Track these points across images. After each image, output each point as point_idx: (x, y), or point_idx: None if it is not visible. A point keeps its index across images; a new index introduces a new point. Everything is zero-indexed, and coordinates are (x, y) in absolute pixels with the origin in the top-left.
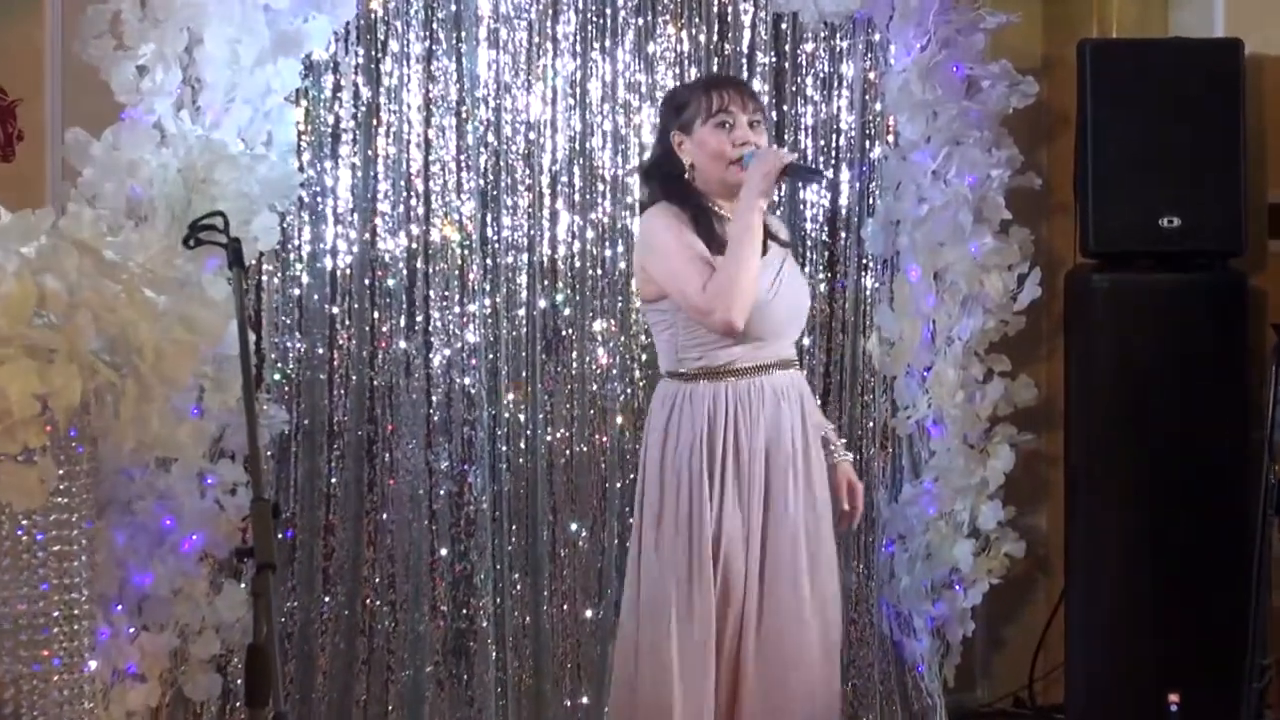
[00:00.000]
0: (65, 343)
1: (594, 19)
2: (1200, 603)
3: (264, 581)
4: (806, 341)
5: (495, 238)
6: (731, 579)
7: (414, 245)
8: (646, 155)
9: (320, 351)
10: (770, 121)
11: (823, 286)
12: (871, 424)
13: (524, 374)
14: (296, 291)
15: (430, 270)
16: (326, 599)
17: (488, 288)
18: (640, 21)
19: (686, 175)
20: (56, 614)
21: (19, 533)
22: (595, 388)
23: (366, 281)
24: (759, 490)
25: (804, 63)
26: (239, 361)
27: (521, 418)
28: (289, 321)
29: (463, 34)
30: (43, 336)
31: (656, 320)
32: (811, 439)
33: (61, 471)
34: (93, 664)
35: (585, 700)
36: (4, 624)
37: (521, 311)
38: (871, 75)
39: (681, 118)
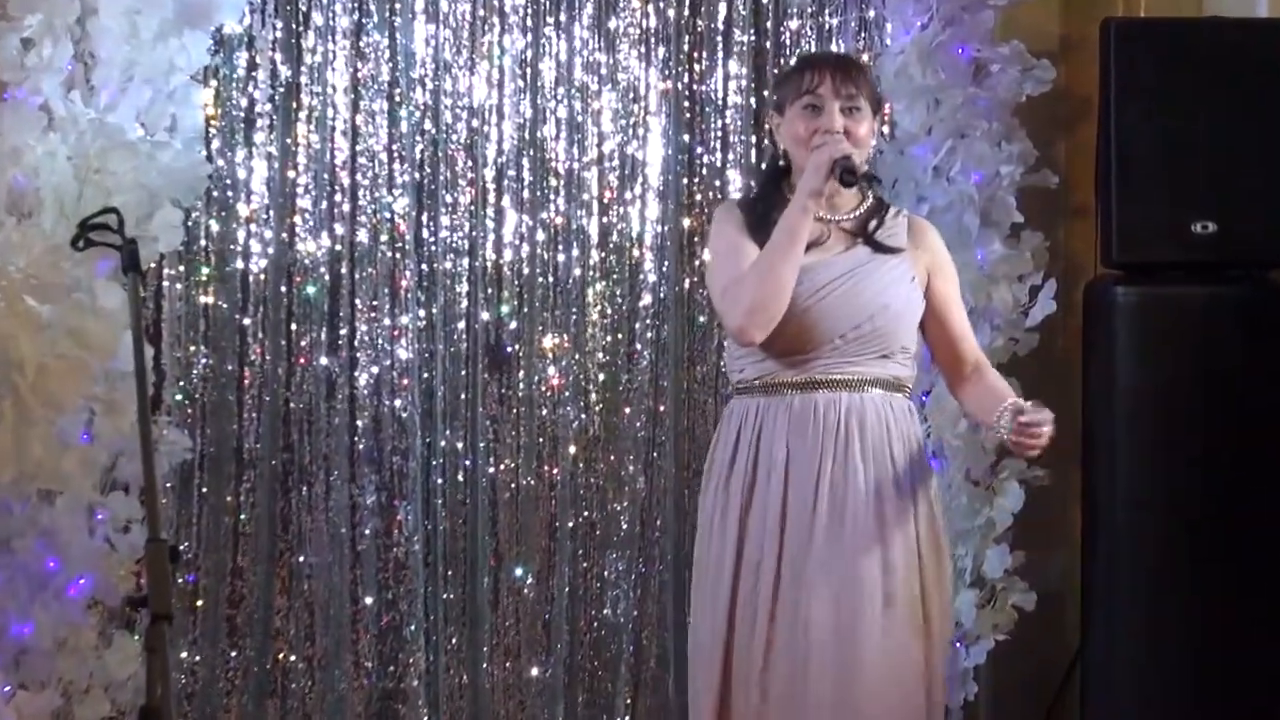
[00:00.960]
0: None
1: None
2: (1240, 660)
3: (159, 634)
4: None
5: (432, 239)
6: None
7: (338, 247)
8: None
9: (229, 368)
10: (749, 109)
11: None
12: None
13: (463, 396)
14: (203, 300)
15: (357, 276)
16: (233, 653)
17: (422, 297)
18: None
19: (782, 163)
20: None
21: None
22: (545, 412)
23: (283, 288)
24: (774, 519)
25: (788, 42)
26: (134, 380)
27: (460, 446)
28: (194, 334)
29: (397, 5)
30: None
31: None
32: (876, 477)
33: None
34: None
35: None
36: None
37: (461, 324)
38: (865, 57)
39: (778, 96)
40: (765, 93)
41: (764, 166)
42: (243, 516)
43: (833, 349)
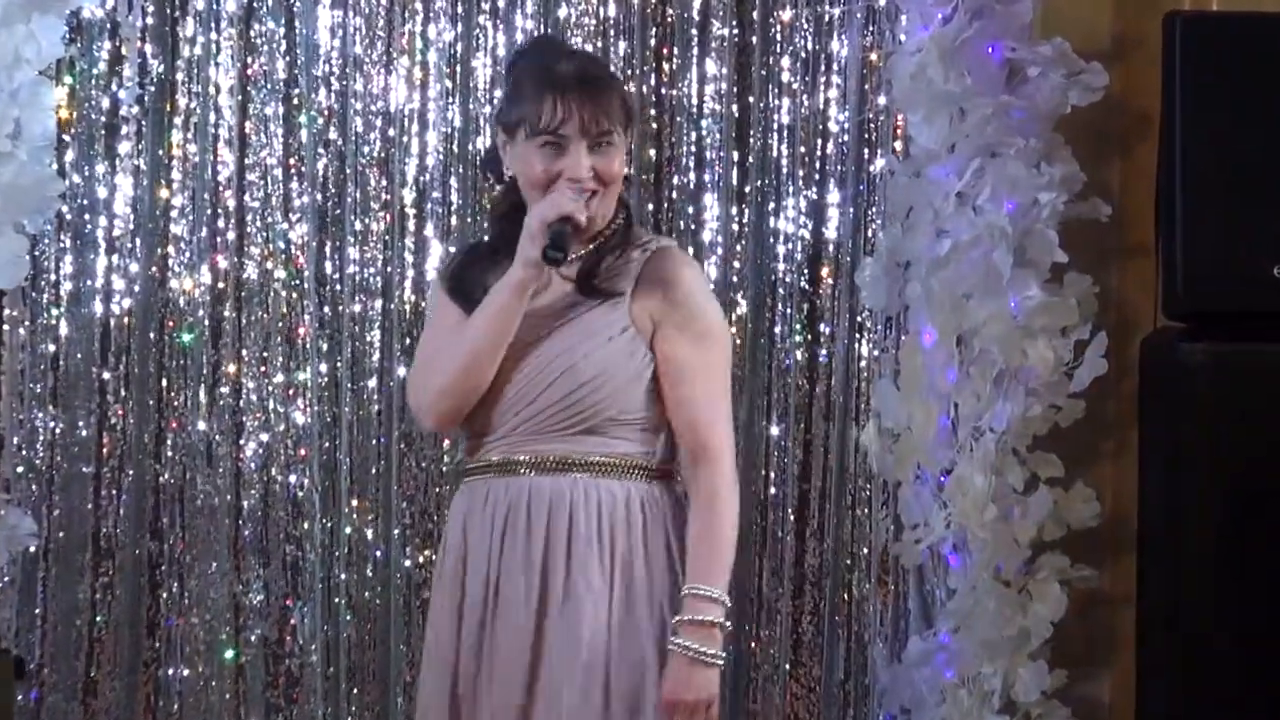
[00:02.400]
0: None
1: None
2: None
3: None
4: (775, 431)
5: (336, 276)
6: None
7: (221, 285)
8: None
9: (84, 434)
10: (730, 118)
11: (798, 354)
12: (866, 550)
13: (374, 470)
14: (51, 348)
15: (243, 321)
16: None
17: (324, 347)
18: None
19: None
20: None
21: None
22: None
23: (153, 335)
24: (449, 619)
25: (778, 37)
26: None
27: (369, 534)
28: (39, 390)
29: None
30: None
31: None
32: (573, 568)
33: None
34: None
35: None
36: None
37: (372, 381)
38: (874, 56)
39: (510, 115)
40: (751, 99)
41: (498, 194)
42: (98, 619)
43: (520, 422)
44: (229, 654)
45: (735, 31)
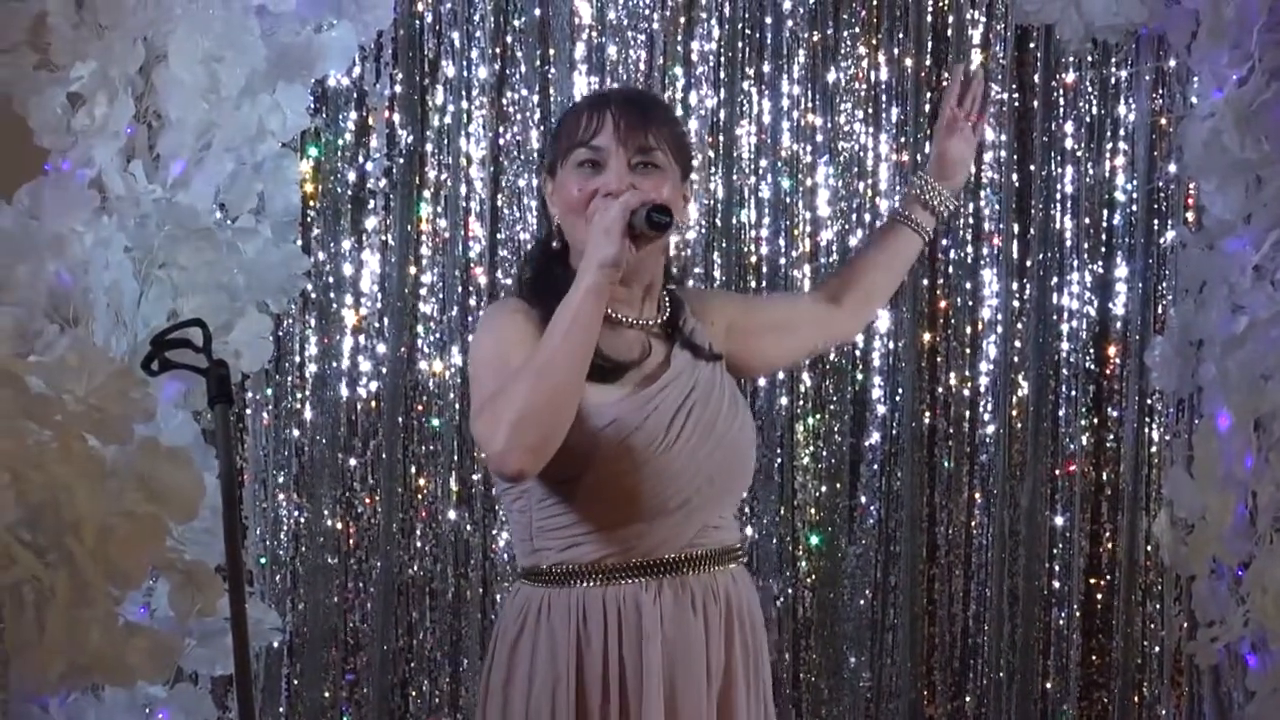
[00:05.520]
0: None
1: (744, 31)
2: None
3: None
4: (1060, 521)
5: None
6: None
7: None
8: None
9: (329, 523)
10: (1010, 187)
11: (1085, 438)
12: (1158, 649)
13: None
14: (296, 433)
15: None
16: None
17: None
18: (815, 37)
19: (555, 244)
20: None
21: None
22: None
23: (400, 420)
24: None
25: (1061, 101)
26: (215, 541)
27: None
28: (283, 478)
29: (550, 52)
30: None
31: (506, 486)
32: (758, 679)
33: None
34: None
35: None
36: None
37: None
38: (1163, 120)
39: (551, 155)
40: (1032, 167)
41: (533, 245)
42: (346, 717)
43: (702, 502)
44: None
45: (1015, 96)
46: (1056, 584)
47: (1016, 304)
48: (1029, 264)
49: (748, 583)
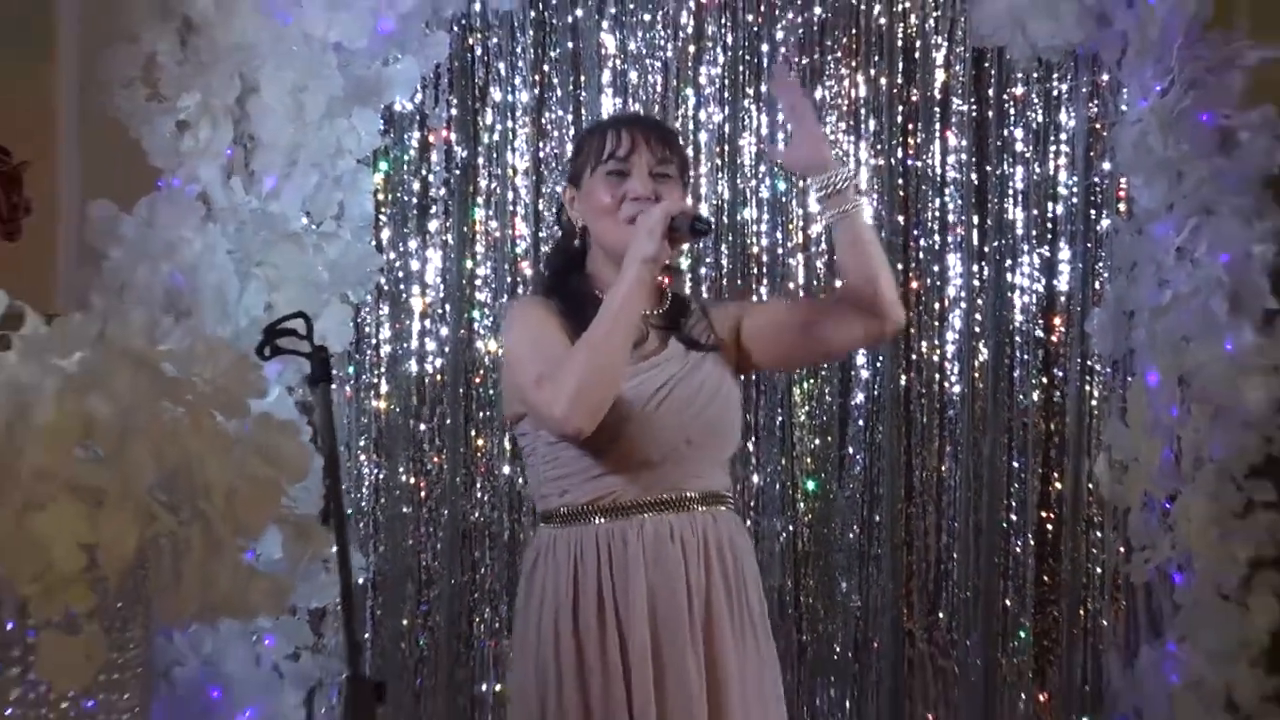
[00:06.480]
0: (118, 481)
1: (745, 57)
2: None
3: None
4: (1015, 465)
5: None
6: None
7: None
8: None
9: (404, 479)
10: (970, 185)
11: (1036, 395)
12: (1100, 570)
13: None
14: (374, 404)
15: None
16: None
17: None
18: (804, 61)
19: (578, 242)
20: None
21: (64, 705)
22: None
23: (461, 390)
24: (646, 669)
25: (1011, 110)
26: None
27: None
28: (364, 442)
29: (582, 79)
30: (90, 473)
31: (522, 446)
32: (740, 602)
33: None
34: None
35: None
36: None
37: None
38: (1098, 126)
39: (574, 166)
40: (988, 167)
41: (551, 248)
42: (422, 641)
43: (680, 458)
44: None
45: (973, 106)
46: (1014, 517)
47: (977, 283)
48: (987, 249)
49: (730, 523)
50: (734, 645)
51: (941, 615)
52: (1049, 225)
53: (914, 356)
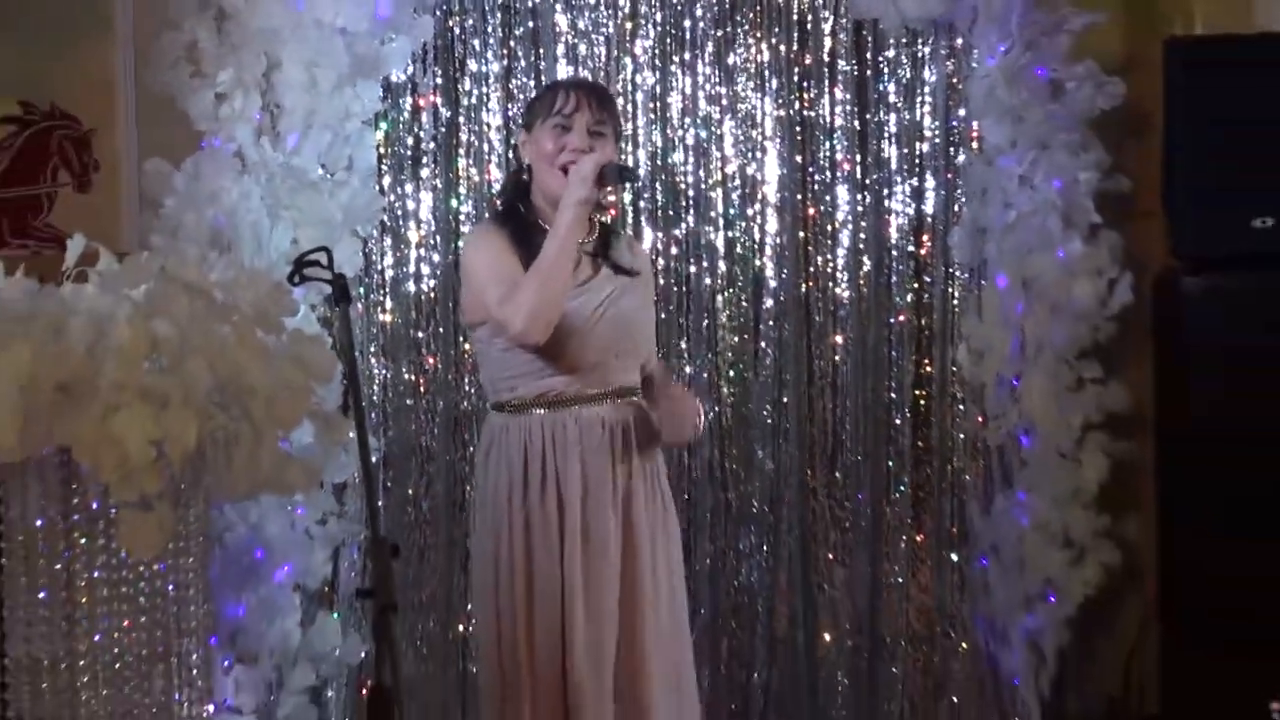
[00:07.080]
0: (179, 388)
1: (672, 31)
2: None
3: (387, 623)
4: (894, 354)
5: None
6: (547, 629)
7: None
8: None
9: (407, 377)
10: (853, 131)
11: (909, 297)
12: (962, 435)
13: None
14: (381, 318)
15: None
16: (419, 625)
17: None
18: (719, 33)
19: (525, 176)
20: (163, 650)
21: (141, 568)
22: None
23: (451, 305)
24: (576, 530)
25: (885, 69)
26: (341, 396)
27: None
28: (374, 348)
29: (541, 51)
30: (156, 382)
31: (477, 348)
32: (651, 476)
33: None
34: (209, 708)
35: None
36: (121, 659)
37: None
38: (955, 80)
39: (527, 116)
40: (868, 115)
41: (505, 179)
42: (424, 505)
43: (610, 363)
44: None
45: (854, 67)
46: (894, 395)
47: (860, 209)
48: (868, 181)
49: (644, 414)
50: (646, 515)
51: (838, 475)
52: (917, 161)
53: (811, 269)
